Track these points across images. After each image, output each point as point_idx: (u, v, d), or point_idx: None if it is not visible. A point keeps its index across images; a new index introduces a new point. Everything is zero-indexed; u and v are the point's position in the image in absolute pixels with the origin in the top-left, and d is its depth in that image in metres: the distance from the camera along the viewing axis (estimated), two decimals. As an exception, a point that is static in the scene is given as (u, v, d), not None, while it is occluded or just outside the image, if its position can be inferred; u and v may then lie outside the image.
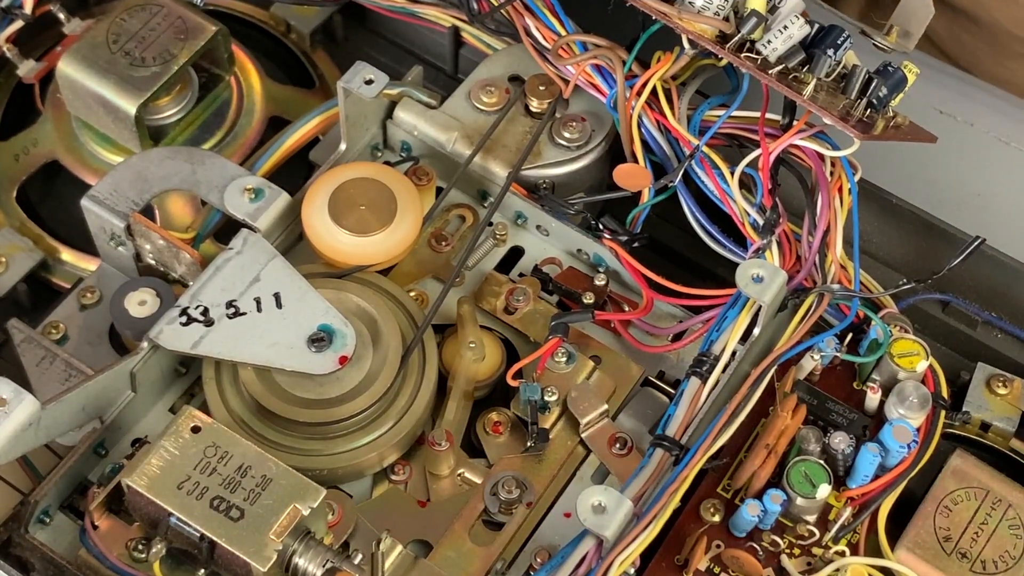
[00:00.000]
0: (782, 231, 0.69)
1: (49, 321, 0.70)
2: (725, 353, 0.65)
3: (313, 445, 0.65)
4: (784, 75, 0.67)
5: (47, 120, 0.79)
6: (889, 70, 0.67)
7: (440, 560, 0.63)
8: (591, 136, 0.74)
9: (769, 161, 0.69)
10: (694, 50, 0.70)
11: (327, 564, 0.60)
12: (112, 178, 0.70)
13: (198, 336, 0.65)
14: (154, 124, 0.77)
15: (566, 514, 0.66)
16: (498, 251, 0.74)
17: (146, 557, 0.61)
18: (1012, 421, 0.69)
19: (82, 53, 0.75)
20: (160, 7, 0.76)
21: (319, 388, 0.65)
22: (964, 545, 0.64)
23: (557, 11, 0.73)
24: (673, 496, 0.61)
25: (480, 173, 0.73)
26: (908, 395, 0.65)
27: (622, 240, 0.71)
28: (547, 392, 0.67)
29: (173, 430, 0.61)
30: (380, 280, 0.69)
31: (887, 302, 0.70)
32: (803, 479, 0.64)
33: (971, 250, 0.69)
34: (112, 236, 0.70)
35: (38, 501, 0.63)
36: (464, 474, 0.66)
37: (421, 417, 0.66)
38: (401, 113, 0.74)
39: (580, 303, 0.71)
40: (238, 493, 0.60)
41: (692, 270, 0.74)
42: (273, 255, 0.67)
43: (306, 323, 0.65)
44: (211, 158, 0.71)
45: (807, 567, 0.64)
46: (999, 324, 0.73)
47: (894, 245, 0.77)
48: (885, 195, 0.76)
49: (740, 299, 0.67)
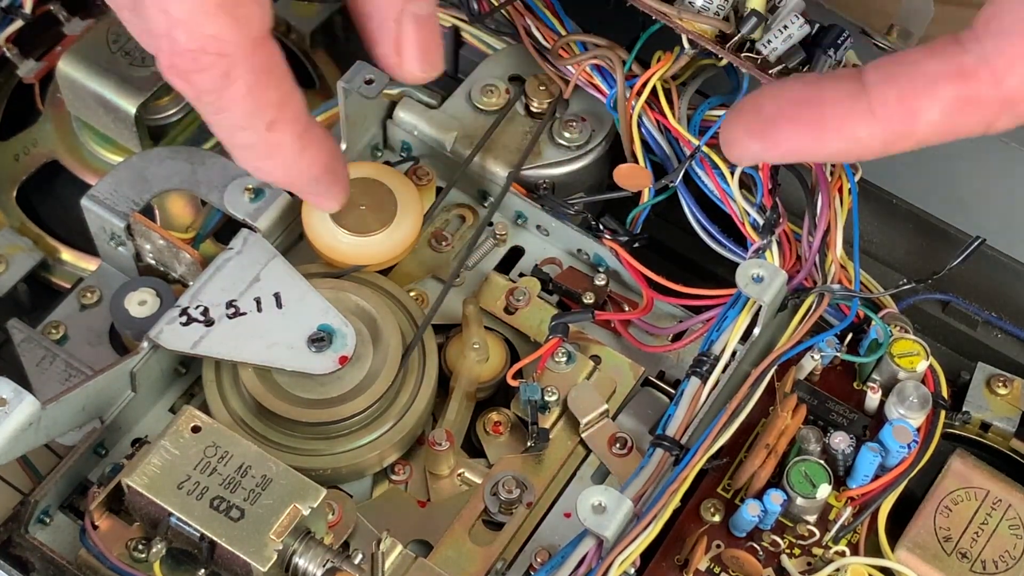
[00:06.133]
0: (782, 231, 0.69)
1: (49, 321, 0.70)
2: (725, 353, 0.65)
3: (313, 445, 0.65)
4: (784, 75, 0.67)
5: (47, 120, 0.79)
6: (889, 70, 0.67)
7: (440, 560, 0.63)
8: (591, 136, 0.74)
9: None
10: (694, 50, 0.70)
11: (327, 564, 0.60)
12: (112, 178, 0.70)
13: (198, 336, 0.65)
14: (154, 124, 0.77)
15: (566, 514, 0.66)
16: (498, 251, 0.74)
17: (146, 557, 0.61)
18: (1012, 421, 0.69)
19: (82, 53, 0.75)
20: (160, 7, 0.76)
21: (319, 388, 0.65)
22: (964, 545, 0.64)
23: (557, 11, 0.73)
24: (673, 496, 0.61)
25: (480, 173, 0.73)
26: (908, 395, 0.65)
27: (622, 240, 0.71)
28: (547, 392, 0.67)
29: (173, 430, 0.61)
30: (380, 280, 0.69)
31: (887, 302, 0.70)
32: (803, 479, 0.64)
33: (971, 250, 0.69)
34: (112, 236, 0.70)
35: (38, 501, 0.63)
36: (464, 474, 0.66)
37: (421, 417, 0.66)
38: (401, 113, 0.74)
39: (580, 303, 0.71)
40: (238, 493, 0.60)
41: (692, 270, 0.74)
42: (273, 255, 0.67)
43: (306, 323, 0.65)
44: (211, 158, 0.71)
45: (807, 567, 0.64)
46: (999, 324, 0.73)
47: (894, 245, 0.77)
48: (885, 195, 0.76)
49: (740, 299, 0.67)
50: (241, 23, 0.57)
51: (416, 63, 0.63)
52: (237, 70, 0.57)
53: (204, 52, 0.56)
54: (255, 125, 0.60)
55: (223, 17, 0.56)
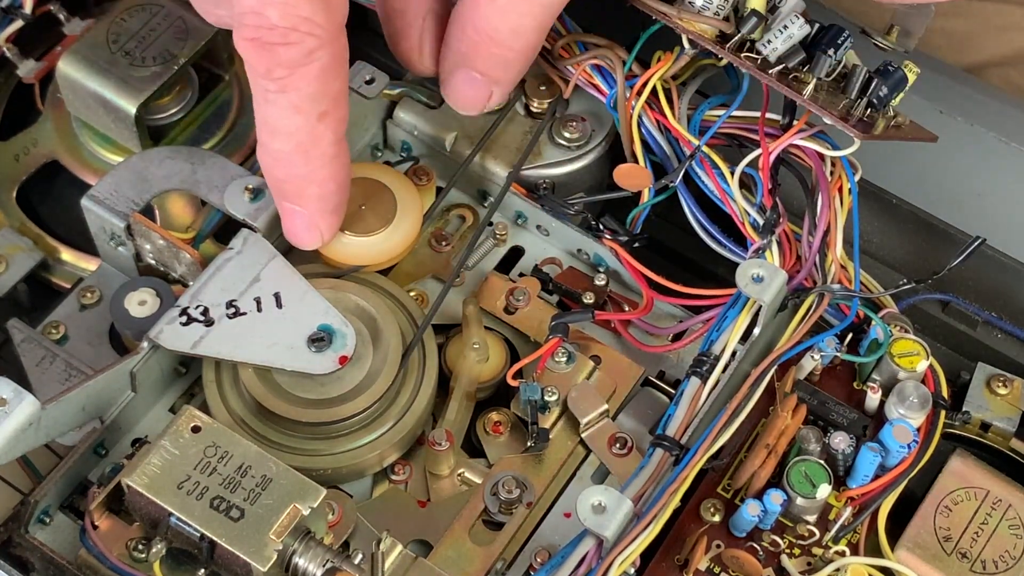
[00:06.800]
0: (782, 231, 0.69)
1: (49, 321, 0.70)
2: (725, 353, 0.65)
3: (313, 445, 0.65)
4: (784, 75, 0.67)
5: (47, 120, 0.79)
6: (889, 69, 0.67)
7: (440, 560, 0.63)
8: (591, 136, 0.74)
9: (769, 161, 0.69)
10: (694, 50, 0.70)
11: (327, 564, 0.60)
12: (112, 178, 0.70)
13: (198, 336, 0.65)
14: (154, 124, 0.77)
15: (566, 514, 0.66)
16: (498, 251, 0.74)
17: (146, 557, 0.61)
18: (1012, 421, 0.69)
19: (82, 53, 0.75)
20: (160, 7, 0.76)
21: (319, 388, 0.65)
22: (964, 545, 0.64)
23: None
24: (673, 496, 0.61)
25: (480, 173, 0.73)
26: (908, 395, 0.65)
27: (622, 240, 0.71)
28: (547, 392, 0.67)
29: (173, 430, 0.61)
30: (380, 280, 0.69)
31: (887, 302, 0.70)
32: (803, 479, 0.64)
33: (971, 250, 0.69)
34: (112, 236, 0.70)
35: (38, 501, 0.63)
36: (464, 474, 0.66)
37: (421, 417, 0.66)
38: (401, 113, 0.74)
39: (580, 303, 0.71)
40: (238, 493, 0.60)
41: (692, 270, 0.74)
42: (273, 255, 0.67)
43: (306, 323, 0.65)
44: (211, 158, 0.71)
45: (807, 567, 0.64)
46: (999, 324, 0.73)
47: (894, 245, 0.77)
48: (885, 195, 0.76)
49: (740, 299, 0.67)
50: (331, 9, 0.61)
51: (432, 60, 0.69)
52: (321, 51, 0.61)
53: (295, 30, 0.60)
54: (310, 111, 0.62)
55: (318, 1, 0.60)
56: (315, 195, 0.66)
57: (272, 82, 0.62)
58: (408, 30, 0.68)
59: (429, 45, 0.68)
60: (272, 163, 0.65)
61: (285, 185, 0.66)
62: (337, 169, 0.65)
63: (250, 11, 0.60)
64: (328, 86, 0.62)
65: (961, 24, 0.96)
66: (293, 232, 0.67)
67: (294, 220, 0.67)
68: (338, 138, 0.64)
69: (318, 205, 0.66)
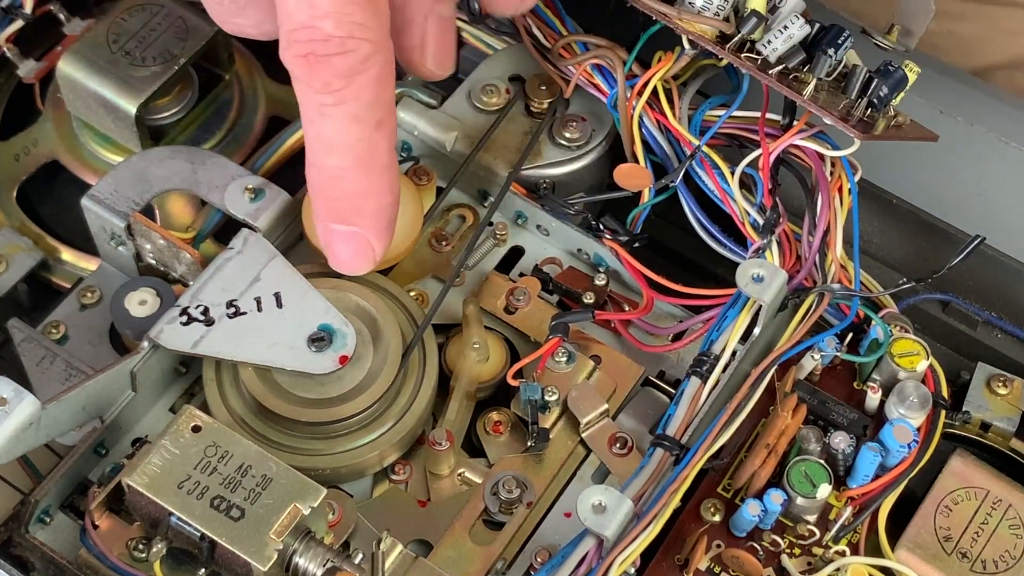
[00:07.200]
0: (782, 231, 0.69)
1: (49, 321, 0.70)
2: (725, 353, 0.65)
3: (314, 445, 0.65)
4: (784, 75, 0.67)
5: (47, 120, 0.79)
6: (890, 69, 0.67)
7: (440, 560, 0.63)
8: (591, 136, 0.74)
9: (769, 161, 0.69)
10: (694, 50, 0.70)
11: (327, 564, 0.60)
12: (112, 178, 0.70)
13: (198, 336, 0.65)
14: (154, 124, 0.77)
15: (566, 514, 0.66)
16: (498, 251, 0.74)
17: (146, 557, 0.61)
18: (1012, 421, 0.69)
19: (82, 53, 0.75)
20: (160, 7, 0.76)
21: (319, 388, 0.65)
22: (964, 545, 0.64)
23: (559, 11, 0.73)
24: (673, 496, 0.61)
25: (480, 173, 0.73)
26: (908, 395, 0.65)
27: (622, 240, 0.71)
28: (547, 392, 0.67)
29: (173, 430, 0.61)
30: (380, 280, 0.69)
31: (887, 302, 0.70)
32: (803, 479, 0.64)
33: (971, 250, 0.69)
34: (112, 236, 0.70)
35: (38, 501, 0.63)
36: (464, 474, 0.66)
37: (421, 416, 0.66)
38: (401, 113, 0.74)
39: (580, 303, 0.71)
40: (238, 493, 0.60)
41: (692, 270, 0.74)
42: (273, 255, 0.67)
43: (306, 323, 0.65)
44: (211, 158, 0.71)
45: (807, 567, 0.64)
46: (999, 324, 0.73)
47: (894, 245, 0.77)
48: (885, 195, 0.76)
49: (740, 299, 0.67)
50: (380, 14, 0.60)
51: (432, 60, 0.67)
52: (376, 56, 0.60)
53: (351, 37, 0.59)
54: (368, 119, 0.61)
55: (368, 7, 0.59)
56: (372, 210, 0.63)
57: (330, 95, 0.60)
58: (409, 28, 0.66)
59: (431, 46, 0.67)
60: (326, 183, 0.62)
61: (340, 204, 0.63)
62: (393, 180, 0.63)
63: (301, 26, 0.59)
64: (383, 92, 0.61)
65: (969, 28, 0.96)
66: (347, 257, 0.64)
67: (349, 243, 0.64)
68: (392, 147, 0.63)
69: (374, 221, 0.63)
